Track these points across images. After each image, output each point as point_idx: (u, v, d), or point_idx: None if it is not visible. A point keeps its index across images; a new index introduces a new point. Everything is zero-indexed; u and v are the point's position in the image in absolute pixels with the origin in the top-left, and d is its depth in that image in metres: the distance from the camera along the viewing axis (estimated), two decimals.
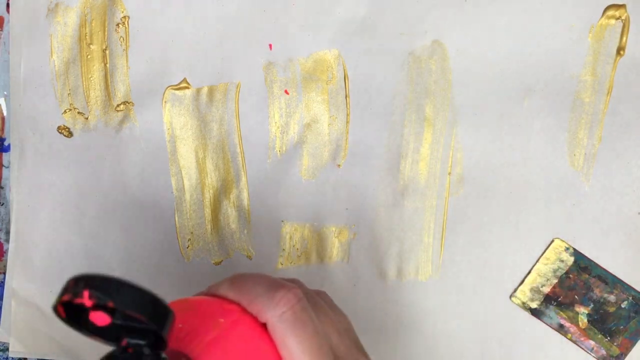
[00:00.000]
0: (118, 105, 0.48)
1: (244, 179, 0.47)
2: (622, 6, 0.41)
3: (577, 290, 0.43)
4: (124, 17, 0.48)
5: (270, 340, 0.27)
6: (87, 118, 0.49)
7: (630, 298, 0.42)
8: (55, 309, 0.23)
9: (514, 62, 0.42)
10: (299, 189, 0.47)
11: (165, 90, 0.48)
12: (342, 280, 0.47)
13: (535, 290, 0.44)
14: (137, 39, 0.48)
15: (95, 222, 0.50)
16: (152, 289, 0.53)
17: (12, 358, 0.52)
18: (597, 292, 0.42)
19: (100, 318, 0.23)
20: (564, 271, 0.43)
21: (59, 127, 0.50)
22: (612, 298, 0.42)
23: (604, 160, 0.42)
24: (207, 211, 0.48)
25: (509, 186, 0.43)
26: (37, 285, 0.51)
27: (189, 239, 0.49)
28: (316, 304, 0.30)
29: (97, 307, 0.22)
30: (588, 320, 0.43)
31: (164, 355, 0.24)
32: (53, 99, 0.49)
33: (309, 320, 0.27)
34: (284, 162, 0.47)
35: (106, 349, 0.24)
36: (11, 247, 0.51)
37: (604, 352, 0.43)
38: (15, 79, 0.50)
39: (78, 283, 0.22)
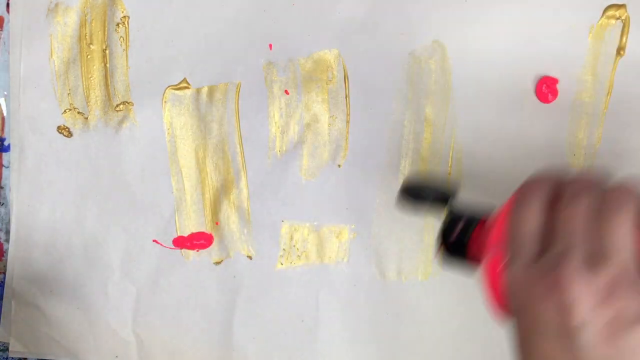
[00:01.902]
0: (118, 105, 0.48)
1: (244, 179, 0.47)
2: (622, 6, 0.41)
3: None
4: (124, 17, 0.48)
5: None
6: (87, 118, 0.49)
7: None
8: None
9: (513, 62, 0.42)
10: (299, 189, 0.47)
11: (165, 90, 0.48)
12: (342, 280, 0.47)
13: None
14: (137, 39, 0.48)
15: (95, 222, 0.50)
16: (152, 289, 0.53)
17: (12, 358, 0.52)
18: None
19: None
20: None
21: (58, 127, 0.50)
22: None
23: (604, 160, 0.42)
24: (207, 211, 0.48)
25: (509, 186, 0.43)
26: (37, 285, 0.51)
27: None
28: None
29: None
30: None
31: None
32: (53, 99, 0.49)
33: None
34: (284, 162, 0.47)
35: None
36: (11, 247, 0.51)
37: None
38: (15, 79, 0.50)
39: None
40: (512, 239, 0.27)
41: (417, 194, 0.35)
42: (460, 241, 0.32)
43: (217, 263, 0.49)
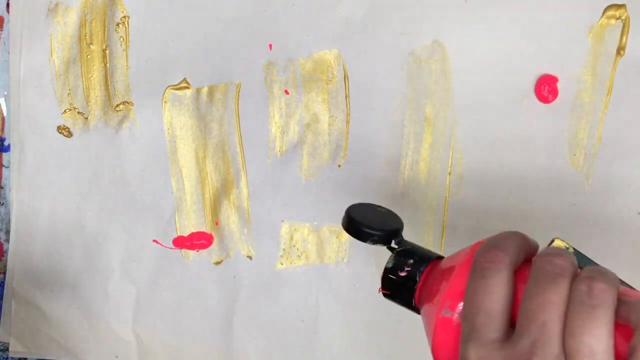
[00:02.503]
0: (118, 105, 0.48)
1: (244, 179, 0.47)
2: (622, 6, 0.41)
3: None
4: (124, 17, 0.48)
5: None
6: (87, 118, 0.49)
7: None
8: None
9: (513, 62, 0.42)
10: (299, 189, 0.47)
11: (165, 90, 0.48)
12: (342, 280, 0.47)
13: None
14: (137, 39, 0.48)
15: (95, 222, 0.50)
16: (152, 289, 0.53)
17: (12, 358, 0.52)
18: None
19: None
20: None
21: (59, 127, 0.50)
22: None
23: (604, 160, 0.42)
24: (207, 211, 0.48)
25: (509, 186, 0.43)
26: (37, 285, 0.51)
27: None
28: None
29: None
30: None
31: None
32: (53, 99, 0.49)
33: None
34: (284, 162, 0.47)
35: None
36: (11, 247, 0.51)
37: None
38: (15, 79, 0.50)
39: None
40: (474, 312, 0.25)
41: (358, 232, 0.33)
42: (411, 277, 0.31)
43: (217, 263, 0.49)
